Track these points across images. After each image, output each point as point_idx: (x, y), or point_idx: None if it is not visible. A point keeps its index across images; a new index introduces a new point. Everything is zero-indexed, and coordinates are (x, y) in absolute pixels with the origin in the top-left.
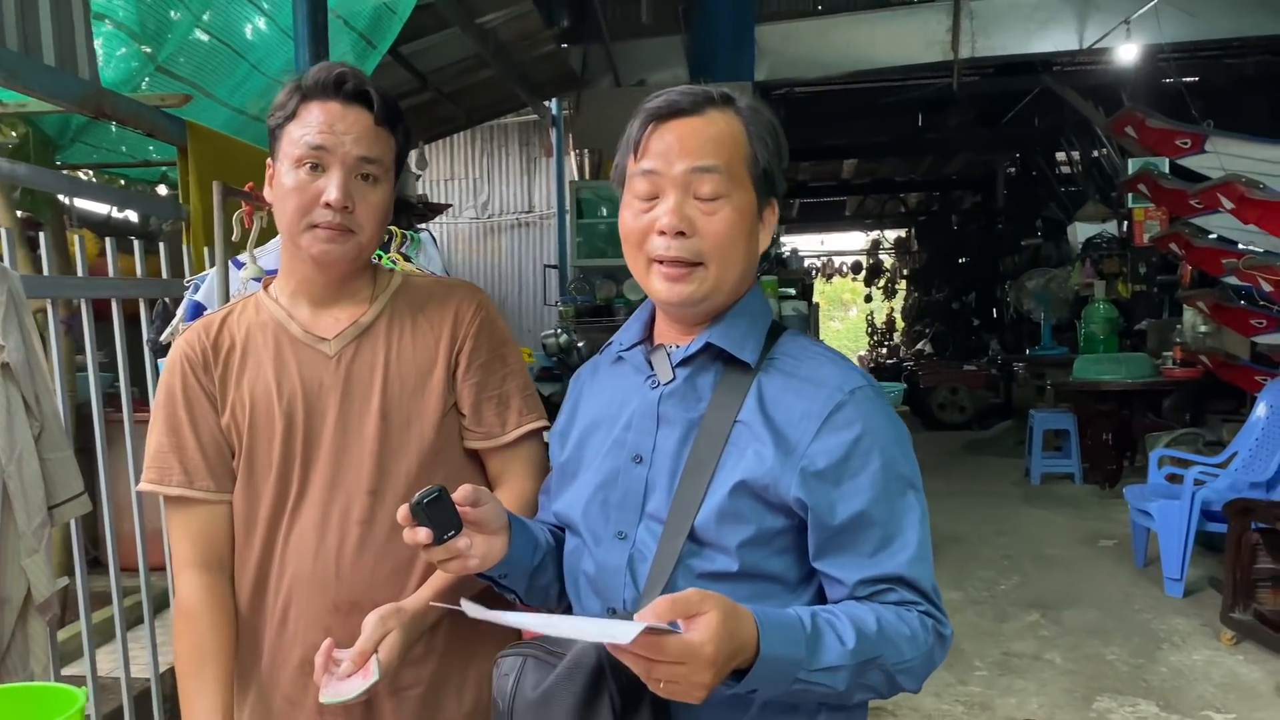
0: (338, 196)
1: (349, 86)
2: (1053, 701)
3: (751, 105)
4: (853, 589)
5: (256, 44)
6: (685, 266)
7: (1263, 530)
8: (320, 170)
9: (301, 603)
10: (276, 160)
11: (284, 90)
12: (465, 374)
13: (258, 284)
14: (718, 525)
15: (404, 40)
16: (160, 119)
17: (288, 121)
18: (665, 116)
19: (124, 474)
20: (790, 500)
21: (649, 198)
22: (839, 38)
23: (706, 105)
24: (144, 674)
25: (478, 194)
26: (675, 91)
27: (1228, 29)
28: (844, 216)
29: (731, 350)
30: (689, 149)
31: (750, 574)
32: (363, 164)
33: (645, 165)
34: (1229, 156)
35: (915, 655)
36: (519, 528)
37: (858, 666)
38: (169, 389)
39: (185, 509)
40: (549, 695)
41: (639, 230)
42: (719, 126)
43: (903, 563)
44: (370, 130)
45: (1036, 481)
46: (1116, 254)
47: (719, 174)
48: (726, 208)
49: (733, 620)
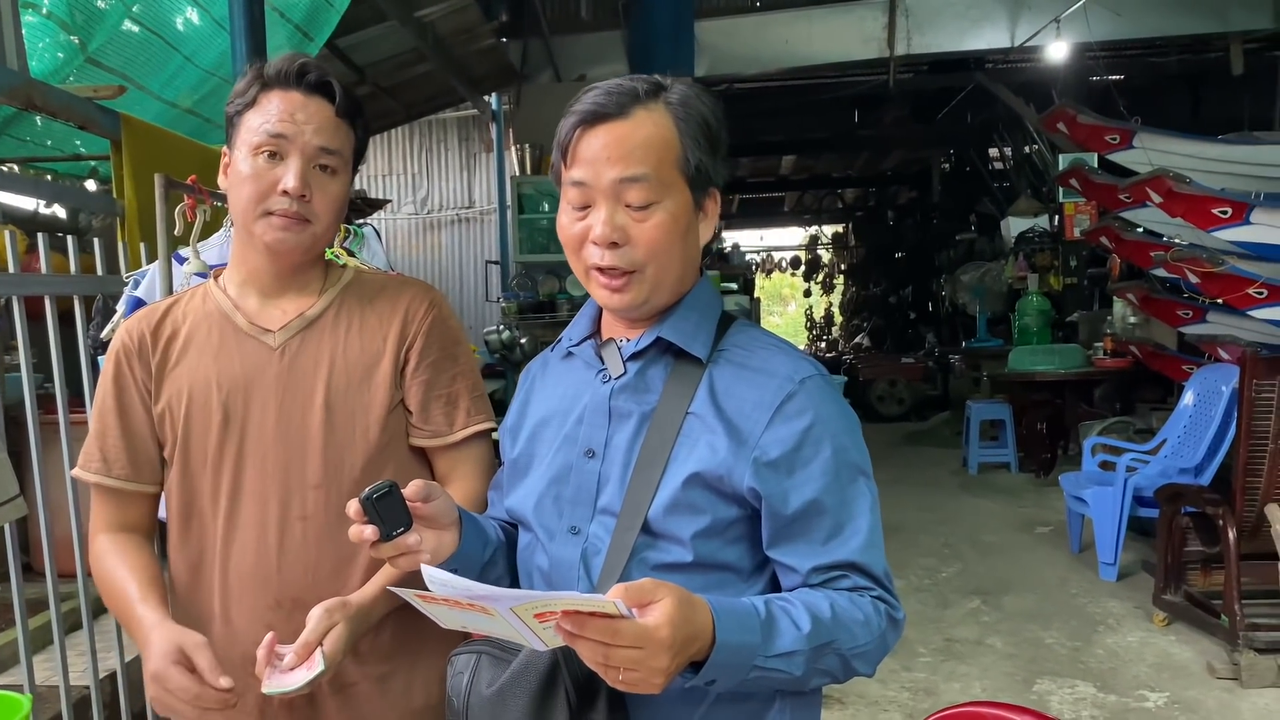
0: (296, 185)
1: (311, 77)
2: (995, 685)
3: (683, 97)
4: (806, 576)
5: (190, 36)
6: (622, 275)
7: (1192, 514)
8: (278, 159)
9: (243, 598)
10: (233, 148)
11: (244, 78)
12: (414, 371)
13: (201, 279)
14: (671, 516)
15: (341, 33)
16: (93, 111)
17: (247, 109)
18: (591, 121)
19: (59, 477)
20: (744, 490)
21: (582, 206)
22: (777, 34)
23: (633, 105)
24: (83, 681)
25: (417, 189)
26: (602, 91)
27: (1152, 28)
28: (783, 212)
29: (682, 344)
30: (616, 158)
31: (704, 564)
32: (322, 154)
33: (575, 175)
34: (1156, 152)
35: (869, 639)
36: (469, 523)
37: (813, 651)
38: (103, 377)
39: (104, 495)
40: (504, 692)
41: (575, 237)
42: (647, 130)
43: (855, 549)
44: (331, 121)
45: (974, 471)
46: (1048, 248)
47: (648, 182)
48: (658, 213)
49: (687, 607)
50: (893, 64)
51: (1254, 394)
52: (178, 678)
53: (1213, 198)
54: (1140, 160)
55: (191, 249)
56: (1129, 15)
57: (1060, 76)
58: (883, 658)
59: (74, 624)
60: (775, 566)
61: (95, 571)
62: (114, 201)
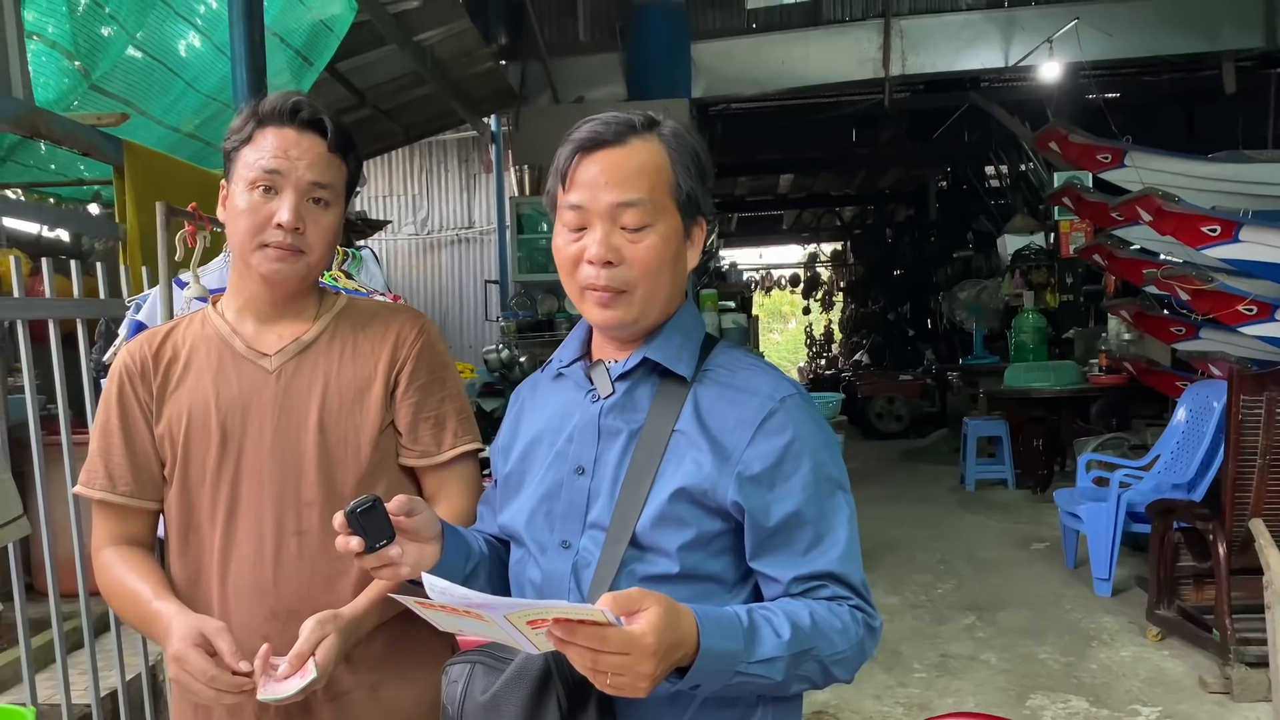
0: (289, 218)
1: (304, 114)
2: (989, 700)
3: (675, 130)
4: (787, 586)
5: (191, 61)
6: (614, 293)
7: (1184, 530)
8: (273, 193)
9: (239, 610)
10: (231, 182)
11: (240, 115)
12: (404, 394)
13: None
14: (659, 530)
15: (341, 57)
16: (97, 138)
17: (243, 145)
18: (589, 148)
19: (62, 497)
20: (728, 504)
21: (578, 228)
22: (773, 55)
23: (629, 134)
24: (84, 699)
25: (417, 210)
26: (600, 121)
27: (1143, 48)
28: (781, 230)
29: (667, 364)
30: (613, 182)
31: (690, 575)
32: (314, 189)
33: (573, 199)
34: (1148, 170)
35: (847, 646)
36: (452, 536)
37: (793, 658)
38: (106, 397)
39: (107, 511)
40: (497, 698)
41: (570, 258)
42: (641, 157)
43: (833, 559)
44: (323, 157)
45: (971, 487)
46: (1044, 265)
47: (642, 206)
48: (651, 236)
49: (673, 614)
50: (888, 84)
51: (1242, 409)
52: (196, 660)
53: (1202, 216)
54: (1132, 179)
55: (192, 274)
56: (1120, 35)
57: (1054, 95)
58: (861, 664)
59: (75, 643)
60: (758, 577)
61: (103, 582)
62: (116, 225)
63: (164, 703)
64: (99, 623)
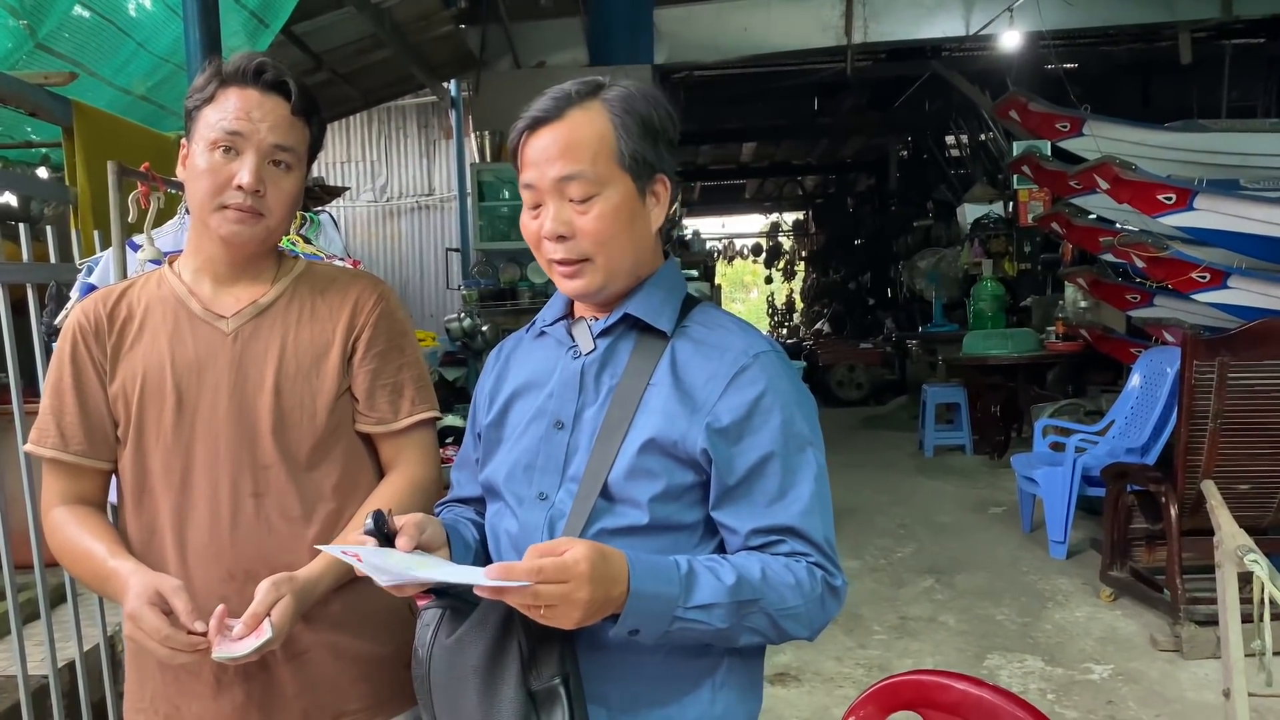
0: (250, 180)
1: (268, 75)
2: (947, 661)
3: (621, 94)
4: (746, 538)
5: (142, 22)
6: (576, 264)
7: (1137, 493)
8: (234, 154)
9: (196, 571)
10: (191, 141)
11: (203, 73)
12: (361, 360)
13: (155, 265)
14: (630, 481)
15: (298, 19)
16: (44, 98)
17: (205, 105)
18: (533, 127)
19: (14, 467)
20: (697, 453)
21: (535, 206)
22: (736, 21)
23: (567, 107)
24: (41, 670)
25: (376, 177)
26: (545, 98)
27: (1103, 18)
28: (743, 199)
29: (648, 320)
30: (553, 157)
31: (660, 527)
32: (276, 151)
33: (525, 179)
34: (1105, 139)
35: (801, 602)
36: (455, 538)
37: (735, 605)
38: (59, 354)
39: (58, 470)
40: (462, 640)
41: (534, 235)
42: (580, 128)
43: (794, 514)
44: (286, 119)
45: (930, 453)
46: (1003, 234)
47: (584, 177)
48: (599, 205)
49: (599, 551)
50: (850, 52)
51: (1194, 375)
52: (151, 618)
53: (1158, 184)
54: (1090, 147)
55: (146, 236)
56: (1080, 5)
57: (1014, 65)
58: (823, 624)
59: (31, 614)
60: (720, 528)
61: (55, 541)
62: (66, 189)
63: (123, 672)
64: (55, 594)
